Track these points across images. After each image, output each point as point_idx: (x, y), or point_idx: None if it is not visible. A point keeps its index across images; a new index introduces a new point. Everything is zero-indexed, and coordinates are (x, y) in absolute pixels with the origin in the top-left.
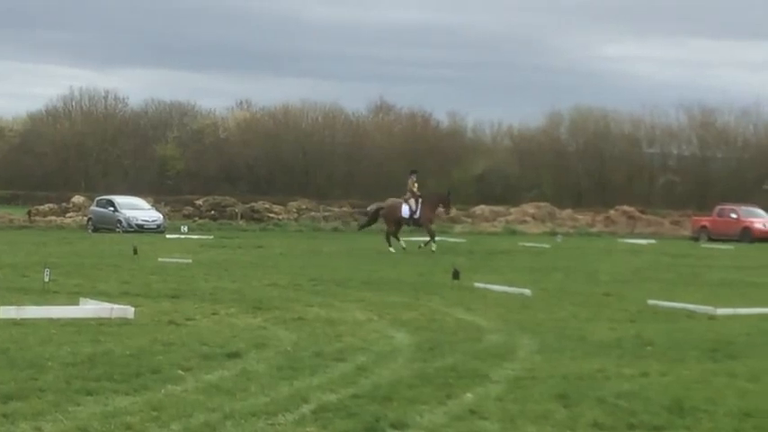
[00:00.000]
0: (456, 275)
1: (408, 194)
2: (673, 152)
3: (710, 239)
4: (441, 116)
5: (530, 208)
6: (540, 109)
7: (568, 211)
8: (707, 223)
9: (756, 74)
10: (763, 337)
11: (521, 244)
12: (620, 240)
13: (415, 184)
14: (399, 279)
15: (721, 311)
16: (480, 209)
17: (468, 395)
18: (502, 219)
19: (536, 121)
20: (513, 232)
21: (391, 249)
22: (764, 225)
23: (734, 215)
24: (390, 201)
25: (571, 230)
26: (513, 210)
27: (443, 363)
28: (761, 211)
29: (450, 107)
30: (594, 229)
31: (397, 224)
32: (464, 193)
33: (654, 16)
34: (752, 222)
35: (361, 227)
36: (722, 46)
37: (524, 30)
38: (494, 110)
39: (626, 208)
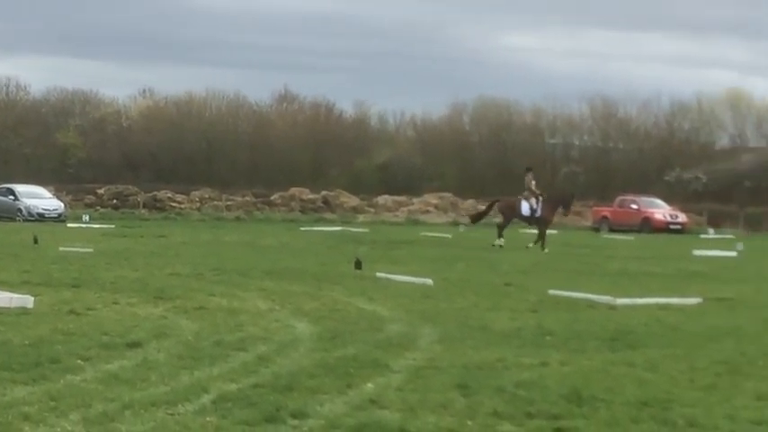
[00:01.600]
0: (358, 265)
1: (527, 192)
2: (575, 143)
3: (611, 230)
4: (345, 106)
5: (432, 198)
6: (443, 99)
7: (471, 201)
8: (608, 214)
9: (657, 65)
10: (662, 327)
11: (423, 234)
12: (522, 230)
13: (533, 182)
14: (302, 269)
15: (621, 301)
16: (383, 199)
17: (369, 385)
18: (404, 209)
19: (439, 112)
20: (416, 222)
21: (498, 243)
22: (664, 216)
23: (634, 206)
24: (507, 198)
25: None
26: (415, 200)
27: (344, 352)
28: (661, 202)
29: (354, 97)
30: (497, 220)
31: (508, 220)
32: (367, 182)
33: (553, 7)
34: (652, 213)
35: (474, 219)
36: (623, 37)
37: (428, 19)
38: (398, 100)
39: None
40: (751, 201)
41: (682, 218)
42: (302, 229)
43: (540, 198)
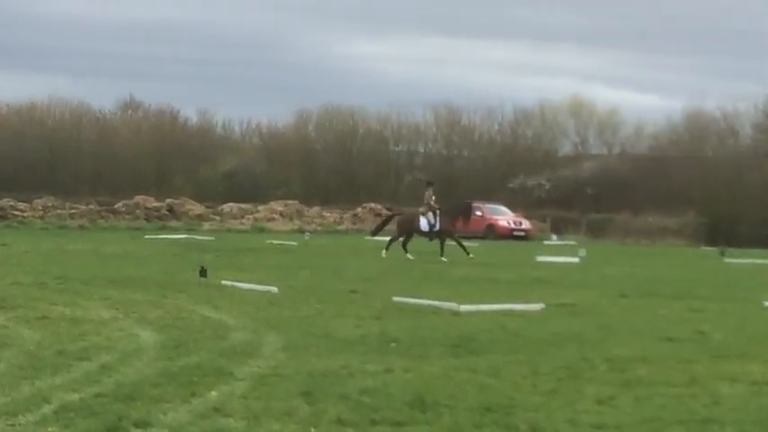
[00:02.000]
0: (203, 273)
1: (424, 207)
2: (420, 150)
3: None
4: (190, 113)
5: (278, 206)
6: (288, 107)
7: (316, 209)
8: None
9: (500, 73)
10: (504, 333)
11: (269, 242)
12: (368, 238)
13: (433, 197)
14: (146, 277)
15: (464, 308)
16: (228, 206)
17: (213, 393)
18: (250, 216)
19: (285, 120)
20: (262, 230)
21: (409, 256)
22: (508, 222)
23: (479, 213)
24: (409, 210)
25: (319, 228)
26: (261, 207)
27: (188, 361)
28: (505, 209)
29: (199, 105)
30: (342, 227)
31: (409, 235)
32: (212, 190)
33: (396, 15)
34: (496, 220)
35: (374, 232)
36: (466, 45)
37: (271, 28)
38: (244, 108)
39: (373, 206)
40: (593, 207)
41: (525, 224)
42: (147, 237)
43: (438, 212)
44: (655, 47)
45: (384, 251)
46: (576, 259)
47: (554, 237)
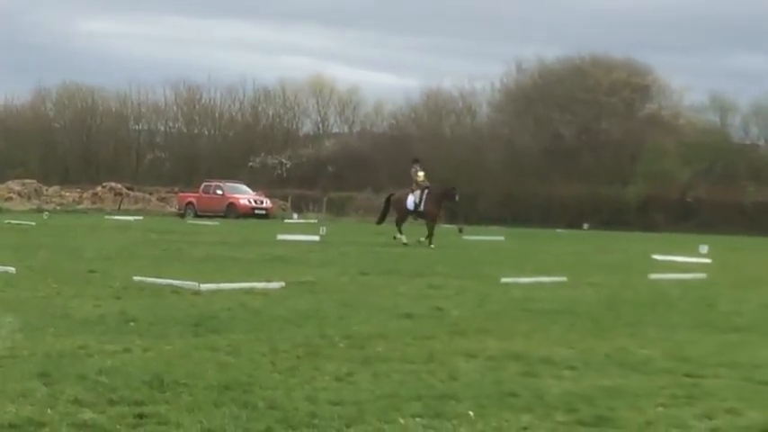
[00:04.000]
0: None
1: (414, 185)
2: (160, 129)
3: (197, 215)
4: None
5: (15, 185)
6: (26, 85)
7: (55, 188)
8: (193, 200)
9: (241, 52)
10: (245, 312)
11: (6, 221)
12: (108, 217)
13: (419, 174)
14: None
15: (205, 287)
16: None
17: None
18: None
19: (22, 98)
20: None
21: (401, 237)
22: (249, 201)
23: (219, 191)
24: (400, 191)
25: (58, 207)
26: None
27: None
28: (246, 188)
29: None
30: (82, 206)
31: (402, 214)
32: None
33: None
34: (237, 198)
35: (379, 221)
36: (207, 24)
37: (10, 4)
38: None
39: (113, 185)
40: (334, 185)
41: (267, 203)
42: None
43: (426, 191)
44: (393, 27)
45: (401, 236)
46: (316, 237)
47: (295, 215)
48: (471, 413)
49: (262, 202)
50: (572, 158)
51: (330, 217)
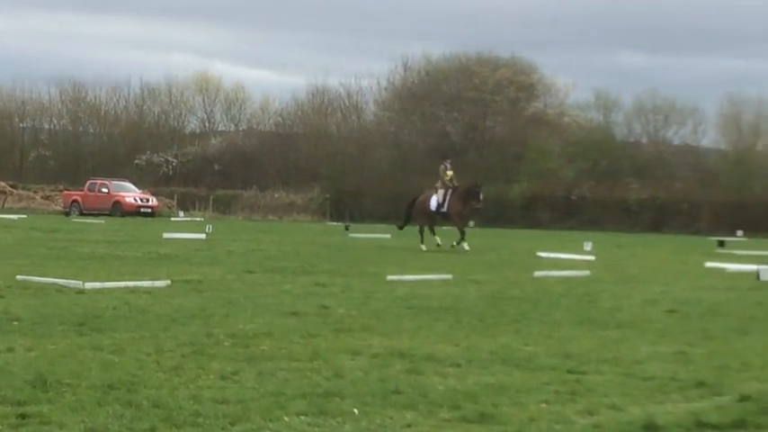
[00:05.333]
0: None
1: (439, 183)
2: (45, 126)
3: (82, 213)
4: None
5: None
6: None
7: None
8: (78, 198)
9: (127, 49)
10: (130, 310)
11: None
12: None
13: (448, 172)
14: None
15: (89, 285)
16: None
17: None
18: None
19: None
20: None
21: (422, 246)
22: (135, 199)
23: (105, 189)
24: (425, 192)
25: None
26: None
27: None
28: (131, 186)
29: None
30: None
31: (427, 218)
32: None
33: None
34: (123, 196)
35: (401, 226)
36: (93, 20)
37: None
38: None
39: None
40: (220, 184)
41: (153, 201)
42: None
43: (450, 191)
44: (278, 24)
45: (422, 245)
46: (202, 236)
47: (181, 213)
48: (356, 411)
49: (148, 201)
50: (458, 157)
51: (216, 215)
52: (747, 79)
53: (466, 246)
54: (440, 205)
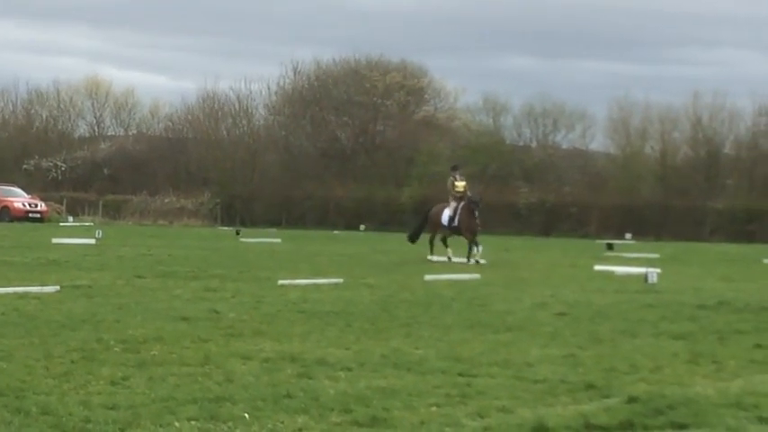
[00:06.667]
0: None
1: (450, 197)
2: None
3: None
4: None
5: None
6: None
7: None
8: None
9: (13, 53)
10: (19, 316)
11: None
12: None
13: (457, 183)
14: None
15: None
16: None
17: None
18: None
19: None
20: None
21: (431, 257)
22: (23, 204)
23: None
24: (438, 205)
25: None
26: None
27: None
28: (19, 191)
29: None
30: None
31: (437, 229)
32: None
33: None
34: (11, 202)
35: (412, 237)
36: None
37: None
38: None
39: None
40: (110, 188)
41: (41, 206)
42: None
43: (461, 204)
44: (169, 28)
45: (448, 250)
46: (92, 241)
47: (70, 218)
48: (247, 415)
49: (36, 206)
50: (349, 161)
51: (106, 220)
52: (635, 83)
53: (480, 259)
54: (451, 219)
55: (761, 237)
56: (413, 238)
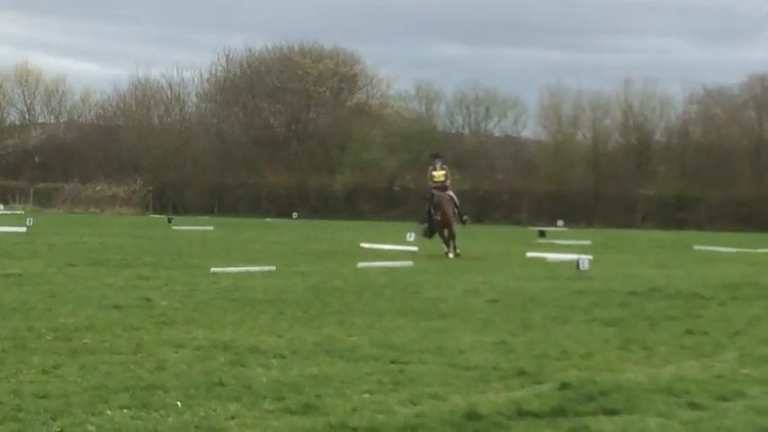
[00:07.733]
0: None
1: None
2: None
3: None
4: None
5: None
6: None
7: None
8: None
9: None
10: None
11: None
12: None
13: (435, 173)
14: None
15: None
16: None
17: None
18: None
19: None
20: None
21: (456, 250)
22: None
23: None
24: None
25: None
26: None
27: None
28: None
29: None
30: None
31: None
32: None
33: None
34: None
35: (429, 234)
36: None
37: None
38: None
39: None
40: (41, 176)
41: None
42: None
43: (437, 194)
44: (100, 15)
45: (450, 252)
46: (23, 229)
47: (1, 206)
48: (179, 403)
49: None
50: (281, 148)
51: (37, 208)
52: (566, 71)
53: (454, 251)
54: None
55: (691, 223)
56: (430, 234)
